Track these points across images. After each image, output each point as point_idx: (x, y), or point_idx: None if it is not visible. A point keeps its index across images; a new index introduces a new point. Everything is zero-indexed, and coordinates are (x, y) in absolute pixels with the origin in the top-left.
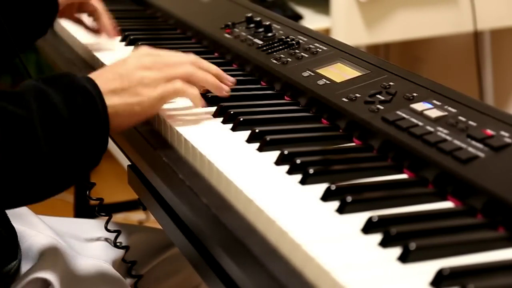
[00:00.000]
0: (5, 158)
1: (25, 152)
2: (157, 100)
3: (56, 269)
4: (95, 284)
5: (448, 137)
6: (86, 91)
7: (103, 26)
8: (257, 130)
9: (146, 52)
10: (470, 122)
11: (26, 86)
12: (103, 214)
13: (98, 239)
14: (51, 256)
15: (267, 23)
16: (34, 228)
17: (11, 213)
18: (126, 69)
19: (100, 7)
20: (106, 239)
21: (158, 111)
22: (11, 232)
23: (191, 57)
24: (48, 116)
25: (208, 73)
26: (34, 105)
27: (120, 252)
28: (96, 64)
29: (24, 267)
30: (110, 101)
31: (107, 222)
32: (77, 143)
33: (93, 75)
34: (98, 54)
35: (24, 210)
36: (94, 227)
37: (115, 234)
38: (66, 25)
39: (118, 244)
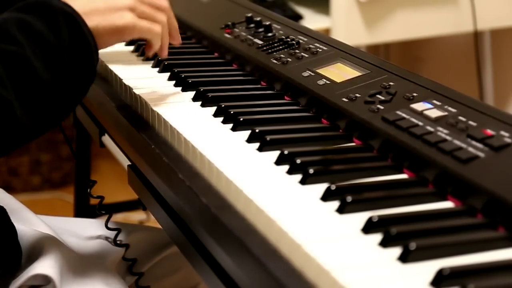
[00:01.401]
0: (16, 94)
1: (28, 83)
2: (139, 30)
3: (57, 266)
4: (94, 282)
5: (448, 137)
6: (65, 13)
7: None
8: (257, 130)
9: None
10: (470, 122)
11: (5, 20)
12: (104, 212)
13: (97, 237)
14: (52, 253)
15: (267, 23)
16: (34, 227)
17: (11, 213)
18: None
19: None
20: (106, 238)
21: (133, 37)
22: (11, 231)
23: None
24: (37, 45)
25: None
26: (21, 38)
27: (119, 251)
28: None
29: (25, 265)
30: (92, 21)
31: (107, 220)
32: (71, 62)
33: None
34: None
35: (24, 210)
36: (93, 226)
37: (115, 232)
38: None
39: (118, 242)
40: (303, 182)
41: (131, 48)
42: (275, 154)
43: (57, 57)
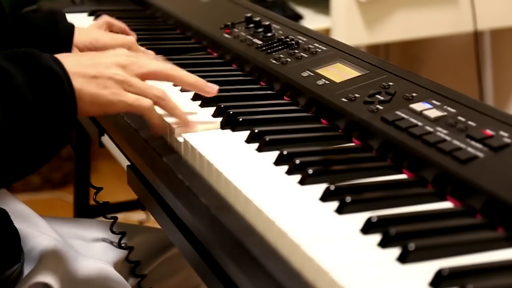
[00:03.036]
0: None
1: None
2: (124, 104)
3: (57, 272)
4: (97, 285)
5: (447, 137)
6: (52, 71)
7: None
8: (256, 130)
9: (125, 53)
10: (470, 122)
11: None
12: (110, 218)
13: (100, 240)
14: (53, 258)
15: (267, 23)
16: (37, 228)
17: (14, 214)
18: (101, 60)
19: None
20: (108, 240)
21: (119, 111)
22: (14, 234)
23: (168, 64)
24: (10, 98)
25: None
26: None
27: (122, 253)
28: None
29: (26, 269)
30: (77, 83)
31: (112, 224)
32: (42, 125)
33: (63, 56)
34: None
35: (26, 211)
36: (96, 227)
37: (119, 235)
38: None
39: (122, 245)
40: (302, 182)
41: None
42: (274, 154)
43: (28, 116)
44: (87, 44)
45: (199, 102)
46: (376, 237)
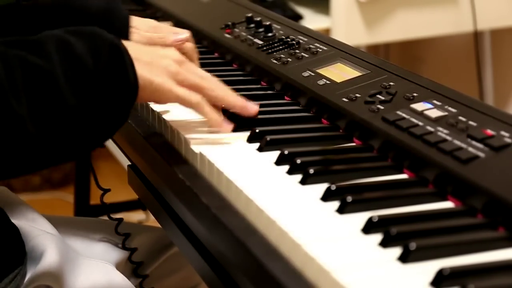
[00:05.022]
0: (29, 111)
1: (49, 103)
2: (174, 96)
3: (60, 274)
4: (99, 285)
5: (448, 137)
6: (112, 44)
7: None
8: (257, 130)
9: (177, 53)
10: (470, 122)
11: (46, 35)
12: (115, 219)
13: (102, 239)
14: (55, 259)
15: (267, 23)
16: (39, 227)
17: (14, 212)
18: (157, 52)
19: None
20: (110, 240)
21: (168, 101)
22: (16, 234)
23: (214, 80)
24: (71, 66)
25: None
26: (55, 55)
27: (123, 253)
28: None
29: (29, 270)
30: (135, 66)
31: (117, 226)
32: (104, 96)
33: (125, 42)
34: None
35: (27, 209)
36: (97, 227)
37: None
38: None
39: (126, 245)
40: (303, 182)
41: None
42: (275, 154)
43: (90, 85)
44: (146, 28)
45: None
46: (377, 237)
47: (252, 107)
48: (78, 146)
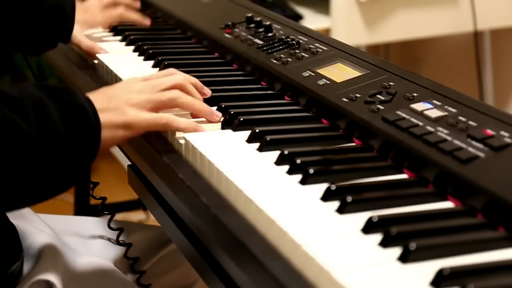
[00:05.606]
0: (1, 163)
1: (21, 161)
2: (145, 122)
3: (58, 270)
4: (97, 282)
5: (448, 137)
6: (84, 111)
7: None
8: (257, 130)
9: (136, 79)
10: (470, 122)
11: (27, 94)
12: (106, 212)
13: (98, 237)
14: (52, 255)
15: (267, 23)
16: (34, 226)
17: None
18: (114, 92)
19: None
20: (107, 237)
21: (143, 132)
22: (12, 231)
23: (178, 77)
24: (46, 131)
25: (194, 98)
26: (33, 118)
27: (120, 250)
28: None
29: (26, 267)
30: (102, 117)
31: (109, 220)
32: (69, 157)
33: (93, 95)
34: None
35: (25, 209)
36: (94, 225)
37: (116, 232)
38: None
39: (121, 242)
40: (303, 182)
41: (131, 47)
42: (275, 154)
43: (58, 148)
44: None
45: None
46: (377, 237)
47: (217, 115)
48: (38, 194)
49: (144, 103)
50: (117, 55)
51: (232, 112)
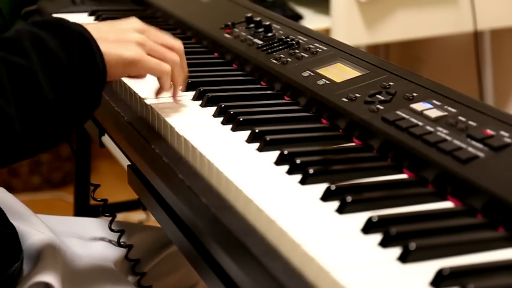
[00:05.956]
0: (17, 109)
1: (31, 100)
2: (145, 65)
3: (58, 271)
4: (97, 283)
5: (448, 137)
6: (81, 35)
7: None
8: (257, 130)
9: (139, 22)
10: (470, 122)
11: (20, 32)
12: (107, 215)
13: (98, 238)
14: (52, 257)
15: (267, 23)
16: (34, 227)
17: (10, 212)
18: (120, 27)
19: None
20: (107, 239)
21: (141, 73)
22: (12, 232)
23: (178, 44)
24: (47, 62)
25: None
26: (32, 53)
27: (121, 251)
28: None
29: (26, 268)
30: (102, 47)
31: (111, 222)
32: (78, 85)
33: (86, 25)
34: None
35: (23, 209)
36: (94, 226)
37: (117, 233)
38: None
39: (122, 243)
40: (303, 182)
41: None
42: (275, 154)
43: (65, 78)
44: None
45: (199, 102)
46: (377, 237)
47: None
48: (57, 134)
49: (148, 48)
50: None
51: (232, 112)
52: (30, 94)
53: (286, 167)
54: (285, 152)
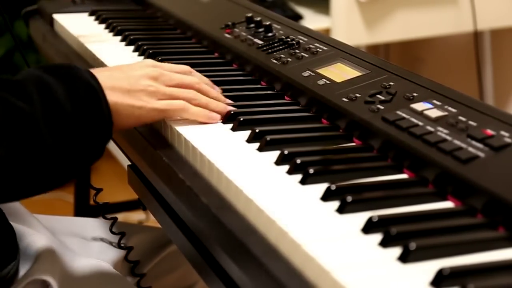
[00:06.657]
0: (7, 151)
1: (27, 145)
2: (158, 111)
3: (55, 271)
4: (96, 284)
5: (448, 137)
6: (89, 85)
7: None
8: (257, 130)
9: (152, 63)
10: (470, 122)
11: (28, 75)
12: (109, 218)
13: (97, 239)
14: (49, 256)
15: (267, 23)
16: (31, 227)
17: (8, 212)
18: (133, 74)
19: None
20: (107, 239)
21: (154, 120)
22: (9, 231)
23: (195, 78)
24: (51, 109)
25: (209, 98)
26: (36, 98)
27: (120, 252)
28: (88, 57)
29: (22, 268)
30: (112, 97)
31: (112, 225)
32: (80, 136)
33: (96, 70)
34: (89, 46)
35: (21, 209)
36: (94, 226)
37: (118, 235)
38: (63, 21)
39: (122, 245)
40: (303, 182)
41: (131, 47)
42: (275, 154)
43: (67, 126)
44: None
45: None
46: (377, 237)
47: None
48: (52, 180)
49: (160, 94)
50: (118, 56)
51: (232, 112)
52: (27, 138)
53: (286, 167)
54: (286, 152)
